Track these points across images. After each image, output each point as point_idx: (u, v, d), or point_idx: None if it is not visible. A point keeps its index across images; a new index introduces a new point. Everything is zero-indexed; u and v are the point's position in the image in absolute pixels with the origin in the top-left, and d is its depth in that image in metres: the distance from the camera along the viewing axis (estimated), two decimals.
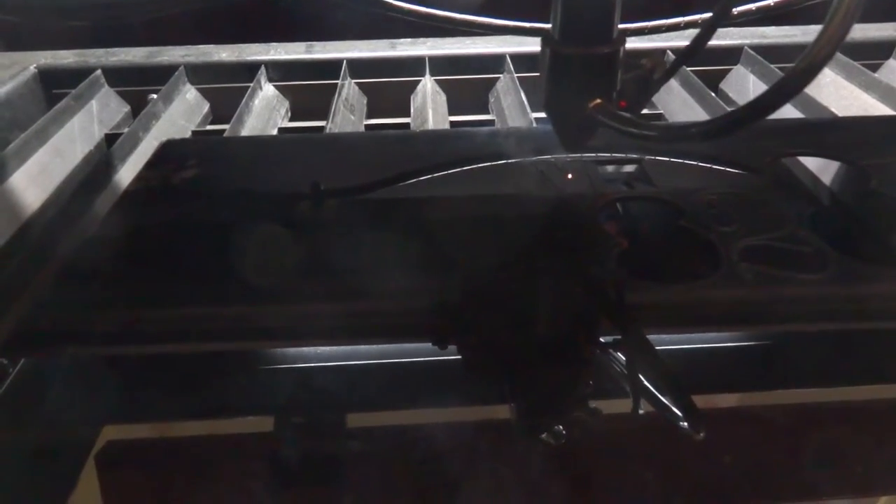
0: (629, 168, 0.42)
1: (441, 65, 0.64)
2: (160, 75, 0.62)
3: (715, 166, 0.43)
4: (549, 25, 0.32)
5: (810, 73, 0.24)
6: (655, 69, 0.32)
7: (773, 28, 0.67)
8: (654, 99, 0.63)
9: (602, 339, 0.32)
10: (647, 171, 0.42)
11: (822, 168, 0.44)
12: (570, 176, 0.41)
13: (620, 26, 0.31)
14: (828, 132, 0.47)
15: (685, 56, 0.34)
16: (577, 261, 0.36)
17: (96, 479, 0.34)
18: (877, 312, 0.33)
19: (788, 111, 0.57)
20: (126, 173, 0.49)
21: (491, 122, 0.60)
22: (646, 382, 0.29)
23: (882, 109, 0.57)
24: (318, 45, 0.66)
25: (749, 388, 0.35)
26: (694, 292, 0.33)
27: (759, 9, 0.43)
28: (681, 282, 0.34)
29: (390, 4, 0.41)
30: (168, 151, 0.46)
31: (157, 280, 0.35)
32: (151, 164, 0.45)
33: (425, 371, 0.35)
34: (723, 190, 0.40)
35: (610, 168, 0.43)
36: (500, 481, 0.33)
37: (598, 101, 0.31)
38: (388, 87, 0.64)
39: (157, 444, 0.37)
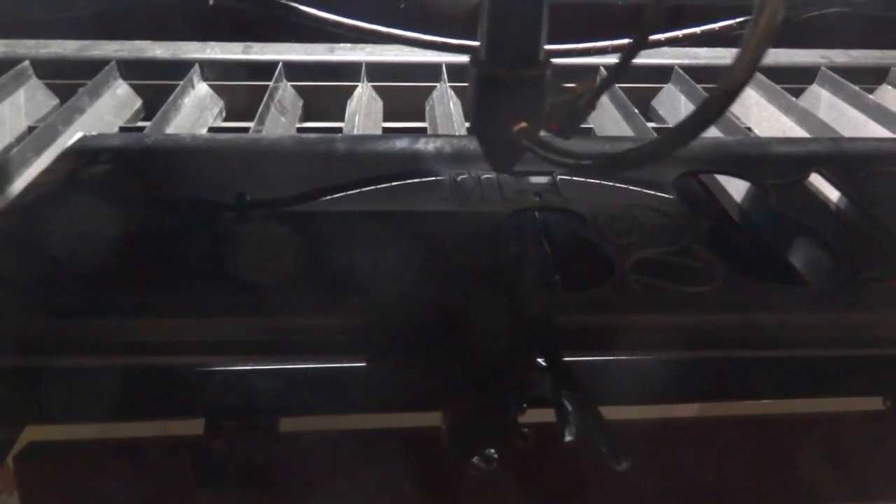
0: (541, 181, 0.42)
1: (379, 71, 0.62)
2: (92, 69, 0.58)
3: (622, 183, 0.43)
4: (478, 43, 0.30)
5: (730, 96, 0.24)
6: (583, 95, 0.30)
7: (704, 49, 0.68)
8: None
9: (534, 363, 0.31)
10: (557, 185, 0.42)
11: (727, 185, 0.45)
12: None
13: (548, 48, 0.29)
14: (740, 151, 0.48)
15: (607, 82, 0.31)
16: (494, 280, 0.34)
17: (13, 480, 0.33)
18: (758, 327, 0.34)
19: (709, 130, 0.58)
20: (39, 166, 0.47)
21: (424, 130, 0.60)
22: (573, 410, 0.29)
23: (798, 132, 0.58)
24: (256, 45, 0.63)
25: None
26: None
27: (685, 35, 0.43)
28: (574, 289, 0.35)
29: (315, 15, 0.40)
30: (83, 146, 0.45)
31: (55, 285, 0.32)
32: (62, 158, 0.42)
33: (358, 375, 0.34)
34: (628, 203, 0.39)
35: (523, 180, 0.43)
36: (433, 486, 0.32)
37: (524, 124, 0.29)
38: (325, 91, 0.61)
39: (80, 446, 0.35)
